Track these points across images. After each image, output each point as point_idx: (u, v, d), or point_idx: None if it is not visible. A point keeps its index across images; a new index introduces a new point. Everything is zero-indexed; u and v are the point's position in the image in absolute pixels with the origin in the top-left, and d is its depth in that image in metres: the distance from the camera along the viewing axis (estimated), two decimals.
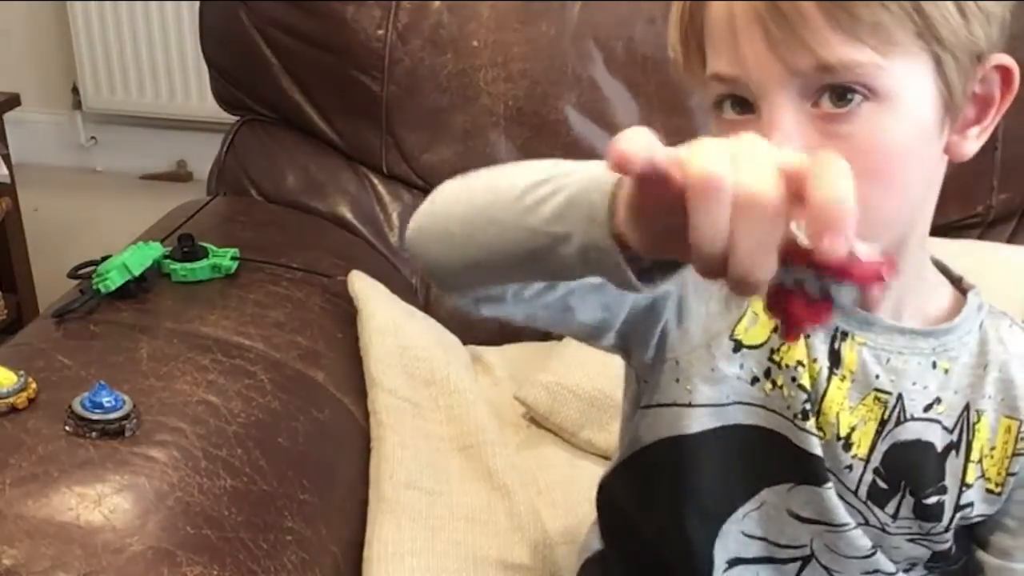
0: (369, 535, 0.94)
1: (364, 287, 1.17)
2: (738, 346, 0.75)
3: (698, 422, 0.76)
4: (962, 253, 1.22)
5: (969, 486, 0.75)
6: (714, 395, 0.76)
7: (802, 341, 0.74)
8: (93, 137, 3.00)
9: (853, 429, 0.73)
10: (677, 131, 0.67)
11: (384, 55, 1.33)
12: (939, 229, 1.27)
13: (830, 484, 0.74)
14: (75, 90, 2.93)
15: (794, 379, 0.74)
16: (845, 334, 0.73)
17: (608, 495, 0.87)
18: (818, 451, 0.74)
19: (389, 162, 1.38)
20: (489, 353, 1.28)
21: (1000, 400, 0.74)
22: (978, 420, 0.74)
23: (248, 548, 0.82)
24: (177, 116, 2.85)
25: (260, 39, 1.36)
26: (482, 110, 1.34)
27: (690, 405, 0.76)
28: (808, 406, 0.74)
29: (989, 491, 0.75)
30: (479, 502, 0.98)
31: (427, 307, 1.32)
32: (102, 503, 0.79)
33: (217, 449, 0.88)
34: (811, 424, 0.74)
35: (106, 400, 0.85)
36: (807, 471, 0.75)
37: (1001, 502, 0.76)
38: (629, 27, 1.34)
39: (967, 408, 0.74)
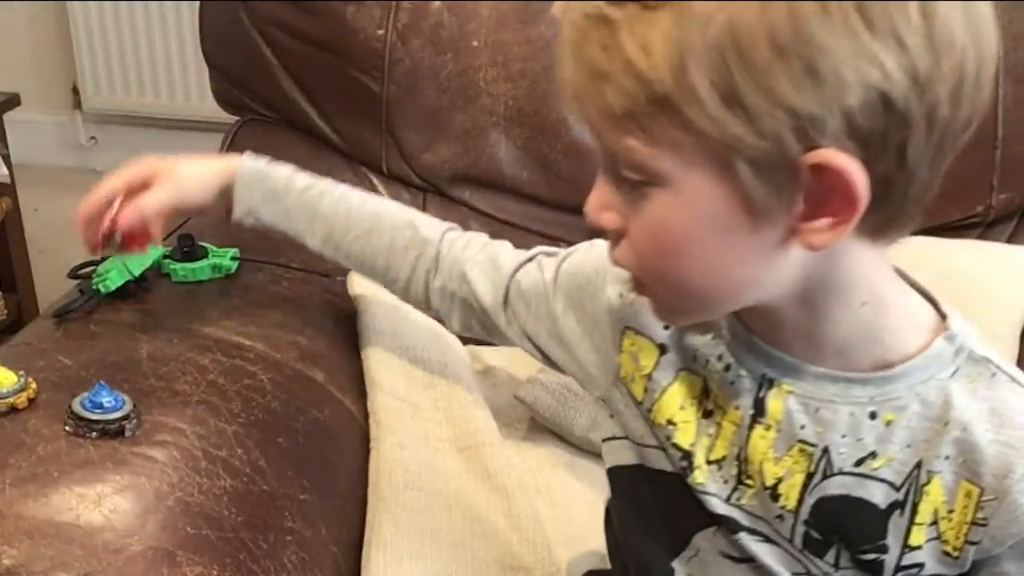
0: (368, 536, 0.94)
1: (364, 287, 1.17)
2: (629, 395, 0.77)
3: (630, 454, 0.79)
4: (962, 253, 1.23)
5: (914, 548, 0.68)
6: (634, 433, 0.78)
7: (671, 399, 0.74)
8: (93, 137, 3.00)
9: (780, 480, 0.70)
10: None
11: (384, 55, 1.33)
12: (939, 229, 1.28)
13: (741, 534, 0.73)
14: (75, 90, 2.93)
15: (668, 437, 0.74)
16: (772, 381, 0.69)
17: (607, 517, 0.87)
18: (715, 508, 0.73)
19: (389, 162, 1.38)
20: (489, 353, 1.28)
21: (960, 462, 0.66)
22: (928, 481, 0.67)
23: (248, 548, 0.82)
24: (177, 116, 2.85)
25: (260, 39, 1.36)
26: (482, 110, 1.34)
27: (626, 438, 0.79)
28: (685, 463, 0.73)
29: (946, 553, 0.68)
30: (478, 503, 0.98)
31: None
32: (102, 503, 0.79)
33: (217, 449, 0.88)
34: (694, 479, 0.73)
35: (106, 400, 0.85)
36: (716, 518, 0.74)
37: (960, 567, 0.69)
38: None
39: (918, 466, 0.67)
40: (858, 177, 0.55)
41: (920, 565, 0.69)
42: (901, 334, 0.67)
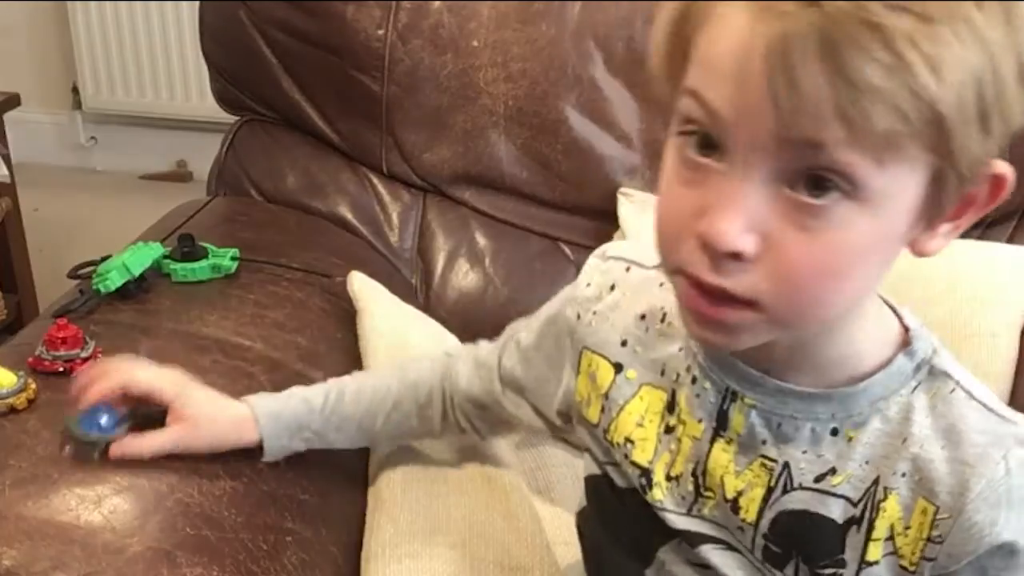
0: (367, 536, 0.94)
1: (364, 287, 1.17)
2: (585, 420, 0.78)
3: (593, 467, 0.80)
4: (962, 253, 1.23)
5: (871, 563, 0.67)
6: (596, 454, 0.79)
7: (628, 417, 0.74)
8: (93, 137, 3.00)
9: (740, 493, 0.69)
10: None
11: (384, 55, 1.33)
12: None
13: (698, 549, 0.73)
14: (75, 90, 2.94)
15: (626, 456, 0.74)
16: (735, 394, 0.68)
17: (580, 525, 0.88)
18: (673, 523, 0.73)
19: (389, 162, 1.38)
20: None
21: (916, 480, 0.65)
22: (885, 498, 0.66)
23: (248, 548, 0.82)
24: (177, 116, 2.86)
25: (260, 39, 1.36)
26: (482, 110, 1.34)
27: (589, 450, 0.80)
28: (644, 480, 0.73)
29: (904, 567, 0.67)
30: (477, 503, 0.98)
31: (427, 307, 1.32)
32: (102, 504, 0.79)
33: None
34: (653, 496, 0.72)
35: (103, 419, 0.83)
36: (677, 534, 0.74)
37: None
38: (629, 27, 1.34)
39: (876, 482, 0.66)
40: (1011, 181, 0.60)
41: None
42: (870, 350, 0.66)
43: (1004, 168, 0.59)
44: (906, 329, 0.67)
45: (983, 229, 1.32)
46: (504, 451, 1.06)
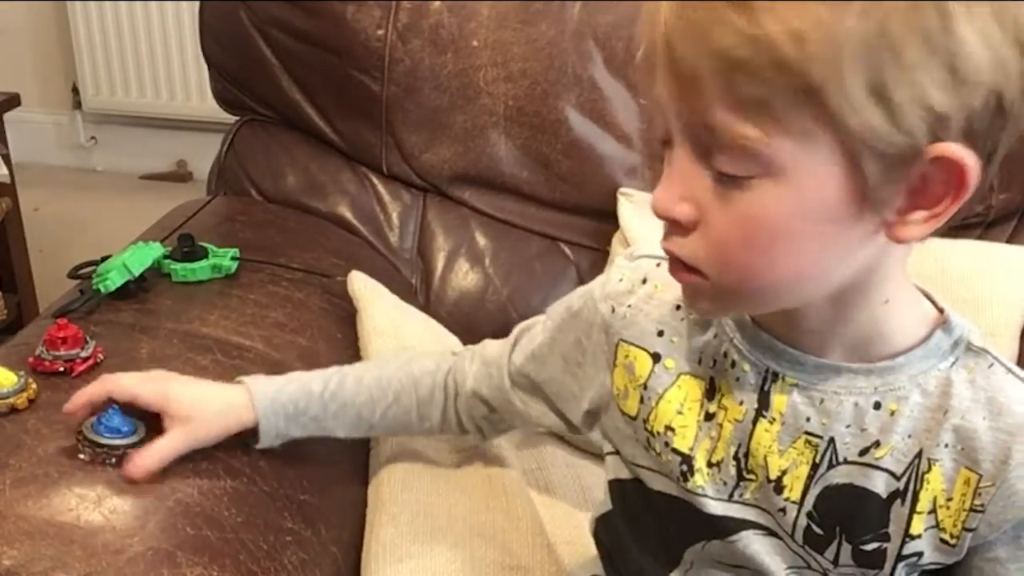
0: (367, 536, 0.94)
1: (364, 287, 1.17)
2: (622, 414, 0.78)
3: (627, 470, 0.80)
4: (962, 253, 1.23)
5: (914, 537, 0.70)
6: (629, 455, 0.79)
7: (667, 405, 0.74)
8: (93, 137, 3.01)
9: (784, 472, 0.71)
10: None
11: (384, 55, 1.33)
12: (939, 229, 1.28)
13: (736, 537, 0.73)
14: (75, 90, 2.94)
15: (667, 444, 0.74)
16: (776, 375, 0.70)
17: (598, 529, 0.88)
18: (713, 509, 0.73)
19: (389, 162, 1.38)
20: None
21: (959, 450, 0.68)
22: (928, 469, 0.68)
23: (248, 548, 0.82)
24: (177, 116, 2.86)
25: (260, 39, 1.36)
26: (482, 110, 1.34)
27: (618, 453, 0.81)
28: (684, 468, 0.73)
29: (944, 541, 0.70)
30: (477, 503, 0.98)
31: (427, 307, 1.32)
32: (102, 503, 0.79)
33: (217, 449, 0.88)
34: (694, 483, 0.73)
35: (121, 424, 0.83)
36: (712, 527, 0.74)
37: (957, 555, 0.70)
38: (629, 27, 1.34)
39: (919, 455, 0.68)
40: (972, 169, 0.58)
41: (919, 554, 0.70)
42: (907, 328, 0.68)
43: (953, 151, 0.57)
44: (940, 311, 0.70)
45: (983, 229, 1.33)
46: (504, 451, 1.06)
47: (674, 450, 0.74)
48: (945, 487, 0.69)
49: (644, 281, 0.78)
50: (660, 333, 0.75)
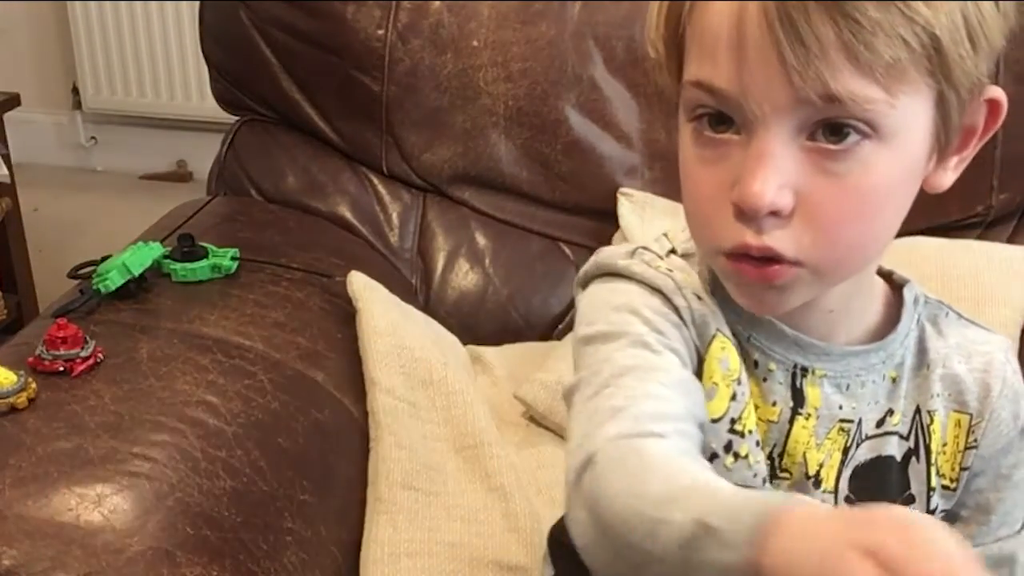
0: (366, 536, 0.94)
1: (363, 287, 1.17)
2: None
3: None
4: (962, 253, 1.23)
5: (935, 490, 0.72)
6: None
7: (750, 397, 0.67)
8: (93, 137, 3.00)
9: (821, 465, 0.70)
10: (677, 131, 0.67)
11: (384, 55, 1.33)
12: (939, 229, 1.28)
13: None
14: (75, 90, 2.93)
15: (758, 443, 0.69)
16: (805, 370, 0.69)
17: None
18: None
19: (389, 162, 1.38)
20: (488, 353, 1.28)
21: (948, 396, 0.72)
22: (931, 421, 0.71)
23: (248, 548, 0.82)
24: (177, 116, 2.85)
25: (260, 39, 1.36)
26: (482, 110, 1.34)
27: None
28: (772, 463, 0.70)
29: (945, 487, 0.73)
30: (476, 503, 0.98)
31: (426, 307, 1.32)
32: (102, 503, 0.79)
33: (217, 450, 0.88)
34: (776, 483, 0.70)
35: None
36: None
37: (956, 497, 0.73)
38: (629, 27, 1.34)
39: (918, 411, 0.71)
40: (1005, 104, 0.63)
41: (937, 507, 0.73)
42: (883, 294, 0.71)
43: (998, 92, 0.63)
44: (889, 272, 0.72)
45: (983, 229, 1.33)
46: (504, 451, 1.06)
47: (763, 449, 0.69)
48: (940, 434, 0.72)
49: (681, 272, 0.69)
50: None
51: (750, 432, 0.68)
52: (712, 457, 0.67)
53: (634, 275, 0.68)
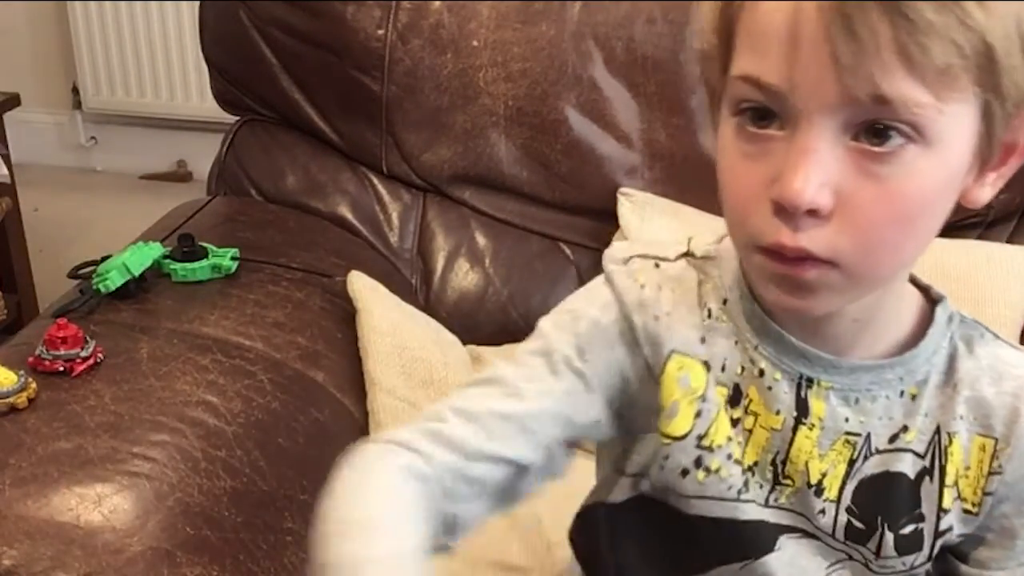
0: None
1: (363, 287, 1.17)
2: (662, 437, 0.70)
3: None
4: (962, 253, 1.23)
5: (947, 511, 0.71)
6: (663, 475, 0.73)
7: (724, 416, 0.69)
8: (93, 137, 3.00)
9: (824, 475, 0.70)
10: (677, 131, 0.67)
11: (384, 55, 1.33)
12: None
13: (776, 549, 0.72)
14: (75, 90, 2.94)
15: (730, 456, 0.70)
16: (811, 380, 0.69)
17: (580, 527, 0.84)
18: (758, 515, 0.71)
19: (389, 162, 1.38)
20: (488, 353, 1.28)
21: (972, 419, 0.70)
22: (950, 443, 0.70)
23: (248, 548, 0.82)
24: (177, 116, 2.86)
25: (260, 39, 1.36)
26: (482, 110, 1.34)
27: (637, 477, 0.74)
28: (747, 478, 0.70)
29: (966, 511, 0.72)
30: None
31: (426, 307, 1.32)
32: (102, 503, 0.79)
33: (217, 450, 0.88)
34: (752, 494, 0.71)
35: None
36: (749, 542, 0.72)
37: (979, 521, 0.72)
38: (629, 27, 1.34)
39: (938, 431, 0.70)
40: None
41: (950, 528, 0.72)
42: (912, 309, 0.71)
43: None
44: (927, 287, 0.72)
45: (983, 229, 1.33)
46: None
47: (736, 462, 0.70)
48: (963, 457, 0.71)
49: (659, 288, 0.71)
50: (703, 340, 0.70)
51: (719, 447, 0.70)
52: (683, 473, 0.70)
53: (611, 283, 0.71)
